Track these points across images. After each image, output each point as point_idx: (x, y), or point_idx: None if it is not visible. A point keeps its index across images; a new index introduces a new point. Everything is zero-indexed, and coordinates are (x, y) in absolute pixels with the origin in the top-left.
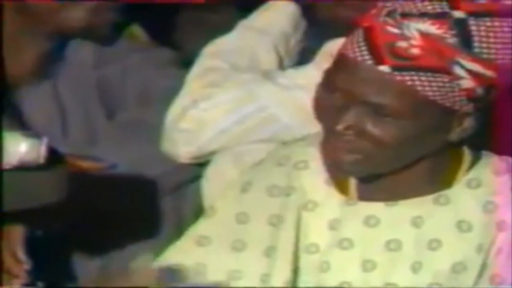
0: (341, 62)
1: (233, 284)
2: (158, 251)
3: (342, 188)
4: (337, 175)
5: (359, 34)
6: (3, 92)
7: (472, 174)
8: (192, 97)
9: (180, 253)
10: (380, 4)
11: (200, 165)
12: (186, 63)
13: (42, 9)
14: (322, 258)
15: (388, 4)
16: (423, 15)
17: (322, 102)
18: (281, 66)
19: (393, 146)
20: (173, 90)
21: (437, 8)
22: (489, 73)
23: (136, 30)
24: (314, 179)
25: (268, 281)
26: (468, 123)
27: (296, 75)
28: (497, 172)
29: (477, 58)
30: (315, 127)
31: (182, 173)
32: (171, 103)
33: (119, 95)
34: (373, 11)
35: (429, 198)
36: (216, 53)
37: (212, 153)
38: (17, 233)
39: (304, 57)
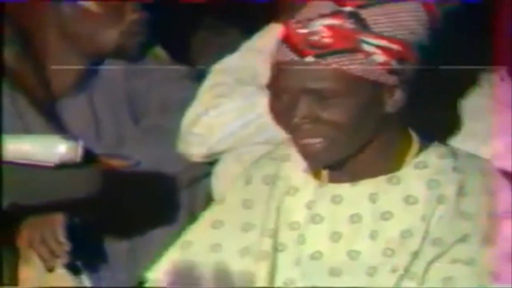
0: (275, 69)
1: (241, 260)
2: (175, 236)
3: (316, 174)
4: (312, 167)
5: (281, 43)
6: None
7: (420, 158)
8: (204, 106)
9: (197, 234)
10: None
11: (210, 163)
12: (199, 77)
13: (81, 33)
14: (300, 232)
15: (292, 22)
16: (322, 16)
17: (275, 109)
18: None
19: (344, 124)
20: (188, 100)
21: (330, 9)
22: (395, 47)
23: (159, 51)
24: (295, 169)
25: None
26: (398, 95)
27: None
28: (441, 157)
29: (379, 35)
30: None
31: (195, 170)
32: (186, 111)
33: (143, 105)
34: (284, 25)
35: (383, 178)
36: (223, 70)
37: (220, 153)
38: (58, 220)
39: None
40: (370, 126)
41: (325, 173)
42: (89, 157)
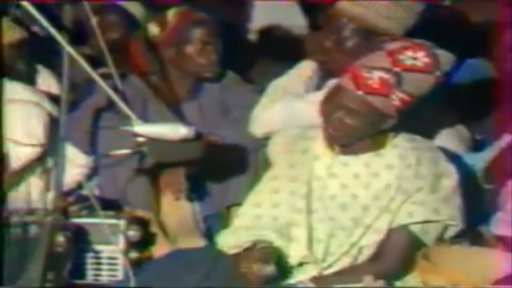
0: (336, 87)
1: (290, 197)
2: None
3: (331, 148)
4: (330, 143)
5: (348, 74)
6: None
7: (393, 142)
8: (263, 106)
9: (263, 186)
10: (355, 64)
11: (266, 139)
12: (260, 91)
13: (192, 71)
14: (323, 182)
15: (360, 64)
16: (381, 69)
17: (324, 109)
18: (307, 93)
19: (356, 129)
20: (254, 103)
21: (386, 66)
22: (408, 99)
23: (235, 76)
24: (319, 144)
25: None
26: (393, 120)
27: (313, 96)
28: (406, 141)
29: (404, 91)
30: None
31: (258, 142)
32: (253, 109)
33: (229, 106)
34: (353, 67)
35: (373, 153)
36: (275, 86)
37: (272, 133)
38: (181, 171)
39: (318, 88)
40: (371, 132)
41: (337, 148)
42: (197, 136)
